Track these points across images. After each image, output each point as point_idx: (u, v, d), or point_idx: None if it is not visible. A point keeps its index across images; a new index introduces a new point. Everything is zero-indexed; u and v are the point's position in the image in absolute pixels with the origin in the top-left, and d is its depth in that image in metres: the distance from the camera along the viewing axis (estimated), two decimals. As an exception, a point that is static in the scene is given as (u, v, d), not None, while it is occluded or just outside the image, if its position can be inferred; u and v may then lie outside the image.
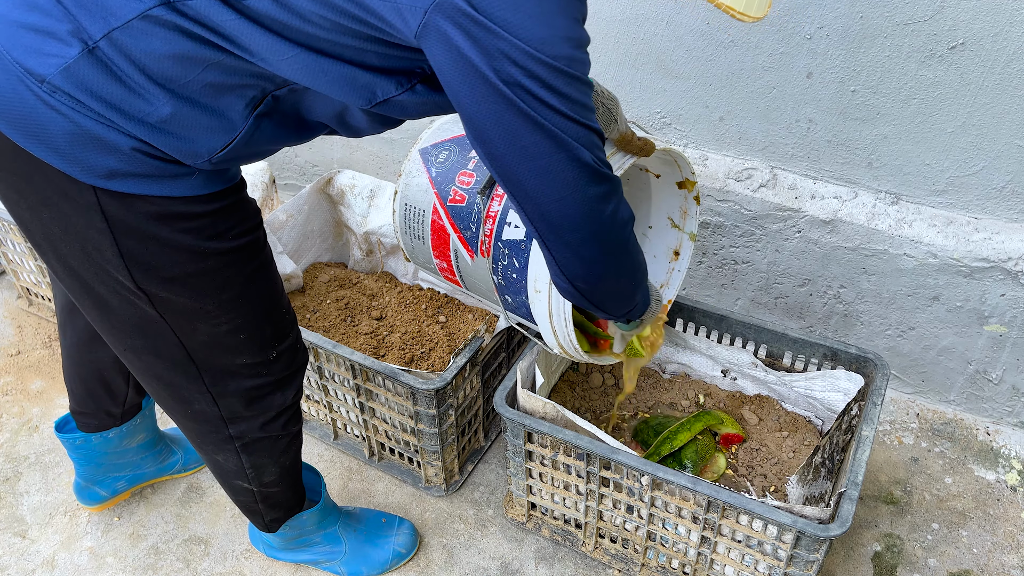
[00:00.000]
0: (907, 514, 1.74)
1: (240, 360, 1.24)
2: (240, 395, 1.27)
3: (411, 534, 1.69)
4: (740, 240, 1.96)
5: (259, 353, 1.25)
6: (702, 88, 1.84)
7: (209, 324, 1.17)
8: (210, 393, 1.25)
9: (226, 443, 1.33)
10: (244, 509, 1.52)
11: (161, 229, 1.04)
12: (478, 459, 1.87)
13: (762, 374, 1.70)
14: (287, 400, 1.34)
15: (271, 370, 1.28)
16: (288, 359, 1.31)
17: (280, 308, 1.27)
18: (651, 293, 1.33)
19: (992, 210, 1.70)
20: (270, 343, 1.26)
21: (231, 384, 1.25)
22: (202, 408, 1.27)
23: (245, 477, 1.40)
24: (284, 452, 1.41)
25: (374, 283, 2.14)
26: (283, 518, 1.53)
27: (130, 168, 0.99)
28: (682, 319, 1.76)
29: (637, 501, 1.49)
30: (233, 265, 1.14)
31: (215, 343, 1.19)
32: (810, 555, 1.33)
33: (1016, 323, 1.74)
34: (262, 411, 1.32)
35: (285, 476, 1.45)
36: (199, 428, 1.32)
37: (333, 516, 1.63)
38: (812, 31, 1.64)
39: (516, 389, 1.54)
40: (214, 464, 1.41)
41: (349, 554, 1.64)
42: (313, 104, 1.05)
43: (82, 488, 1.74)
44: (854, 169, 1.78)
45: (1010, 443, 1.87)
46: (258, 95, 1.00)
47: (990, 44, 1.50)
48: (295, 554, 1.64)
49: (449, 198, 1.46)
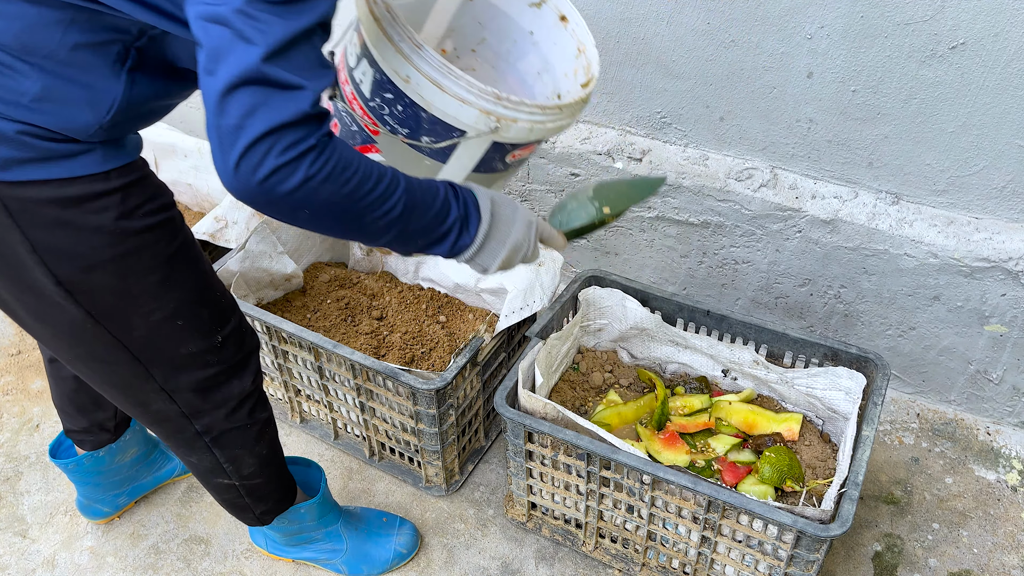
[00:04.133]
0: (907, 514, 1.74)
1: (185, 350, 1.21)
2: (195, 388, 1.25)
3: (412, 534, 1.69)
4: (740, 240, 1.96)
5: (203, 340, 1.23)
6: (702, 88, 1.84)
7: (141, 315, 1.14)
8: (164, 391, 1.23)
9: (195, 440, 1.32)
10: (232, 508, 1.49)
11: (68, 214, 1.02)
12: (478, 459, 1.87)
13: (763, 372, 1.70)
14: (246, 387, 1.31)
15: (221, 357, 1.26)
16: (236, 344, 1.28)
17: (214, 290, 1.24)
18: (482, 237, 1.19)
19: (993, 210, 1.70)
20: (212, 328, 1.24)
21: (183, 377, 1.23)
22: (160, 408, 1.25)
23: (224, 473, 1.38)
24: (257, 441, 1.38)
25: (374, 283, 2.14)
26: (274, 510, 1.51)
27: (22, 154, 0.97)
28: (682, 319, 1.76)
29: (637, 501, 1.49)
30: (152, 246, 1.12)
31: (154, 335, 1.17)
32: (810, 555, 1.33)
33: (1017, 323, 1.74)
34: (223, 401, 1.29)
35: (265, 466, 1.43)
36: (165, 430, 1.30)
37: (334, 514, 1.63)
38: (812, 31, 1.64)
39: (516, 389, 1.54)
40: (191, 466, 1.39)
41: (350, 552, 1.64)
42: (177, 50, 1.03)
43: (85, 506, 1.75)
44: (854, 169, 1.78)
45: (1010, 443, 1.87)
46: (122, 50, 0.98)
47: (990, 44, 1.50)
48: (297, 551, 1.64)
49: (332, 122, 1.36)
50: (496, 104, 1.24)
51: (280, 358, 1.83)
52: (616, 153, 2.01)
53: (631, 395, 1.83)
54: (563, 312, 1.75)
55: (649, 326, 1.78)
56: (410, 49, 1.21)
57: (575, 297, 1.78)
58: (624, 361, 1.89)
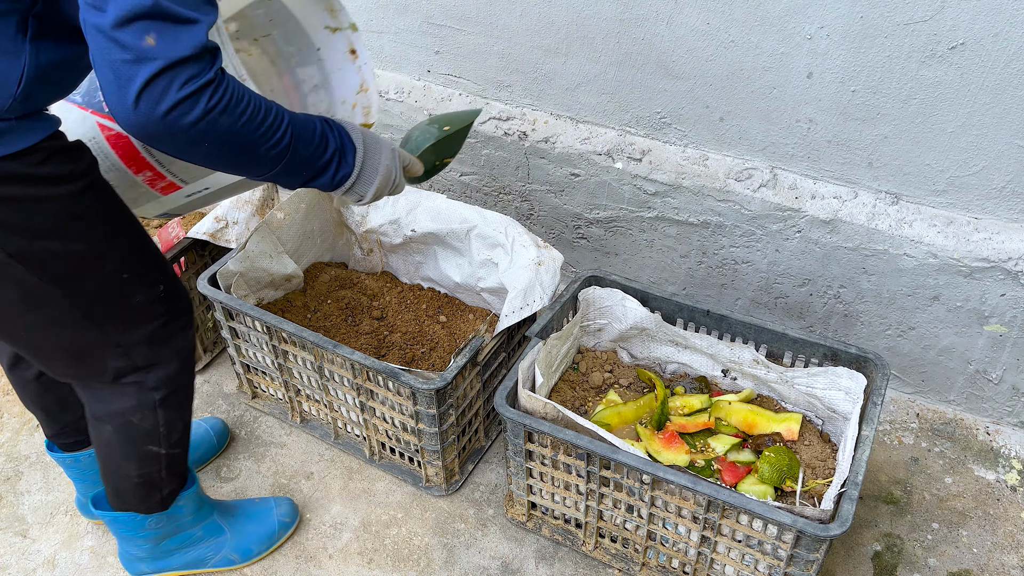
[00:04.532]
0: (907, 514, 1.74)
1: (135, 299, 1.25)
2: (147, 340, 1.29)
3: (290, 503, 1.73)
4: (740, 240, 1.96)
5: (148, 289, 1.27)
6: (702, 88, 1.84)
7: (91, 272, 1.18)
8: (120, 346, 1.26)
9: (146, 397, 1.35)
10: (142, 490, 1.48)
11: (4, 190, 1.05)
12: (479, 459, 1.87)
13: (763, 372, 1.70)
14: (190, 340, 1.37)
15: (167, 307, 1.30)
16: (175, 294, 1.33)
17: (149, 241, 1.29)
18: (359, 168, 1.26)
19: (992, 210, 1.70)
20: (154, 277, 1.28)
21: (138, 330, 1.27)
22: (117, 364, 1.29)
23: (157, 439, 1.41)
24: (186, 406, 1.43)
25: (374, 283, 2.14)
26: (176, 490, 1.52)
27: None
28: (682, 319, 1.76)
29: (637, 501, 1.49)
30: (95, 203, 1.16)
31: (104, 290, 1.21)
32: (810, 555, 1.34)
33: (1016, 323, 1.74)
34: (173, 354, 1.34)
35: (185, 434, 1.47)
36: (120, 391, 1.33)
37: (208, 506, 1.64)
38: (812, 31, 1.64)
39: (517, 389, 1.54)
40: (125, 430, 1.39)
41: (234, 537, 1.65)
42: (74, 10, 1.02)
43: (84, 504, 1.75)
44: (854, 169, 1.78)
45: (1010, 443, 1.88)
46: (19, 20, 0.99)
47: (990, 44, 1.50)
48: (181, 555, 1.62)
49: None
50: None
51: (280, 358, 1.83)
52: (616, 153, 2.01)
53: (631, 395, 1.83)
54: (563, 312, 1.76)
55: (649, 326, 1.78)
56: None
57: (575, 297, 1.79)
58: (624, 361, 1.89)
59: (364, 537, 1.73)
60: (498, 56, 2.07)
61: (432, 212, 1.95)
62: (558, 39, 1.95)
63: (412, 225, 1.98)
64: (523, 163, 2.17)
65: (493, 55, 2.08)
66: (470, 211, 1.91)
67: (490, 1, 1.99)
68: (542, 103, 2.10)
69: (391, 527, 1.75)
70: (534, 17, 1.95)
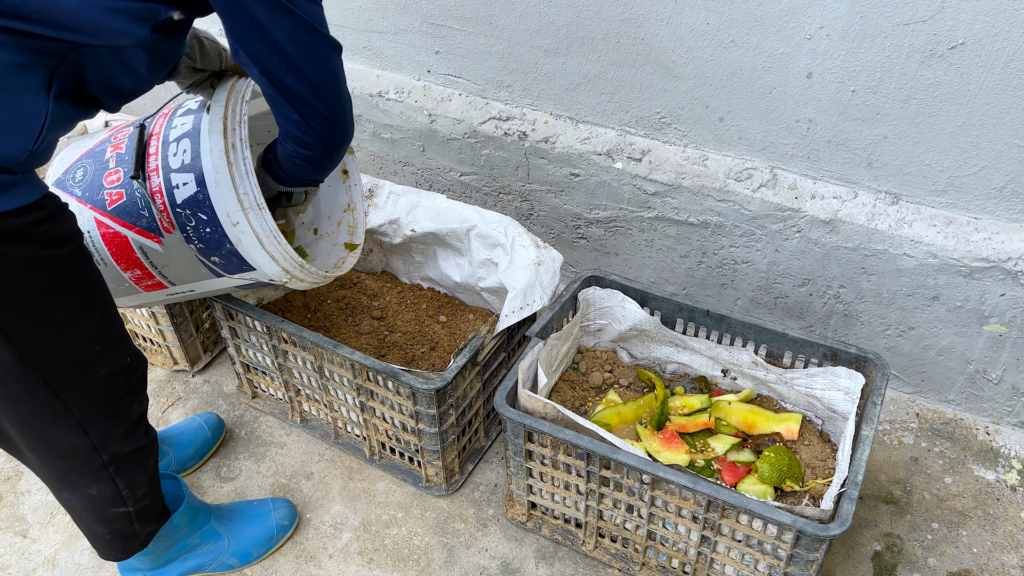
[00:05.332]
0: (907, 514, 1.74)
1: (100, 372, 1.23)
2: (107, 415, 1.27)
3: (289, 506, 1.72)
4: (740, 240, 1.96)
5: (115, 360, 1.25)
6: (702, 88, 1.84)
7: (65, 344, 1.16)
8: (80, 424, 1.24)
9: (100, 472, 1.32)
10: (117, 540, 1.47)
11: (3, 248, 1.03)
12: (479, 459, 1.87)
13: (762, 373, 1.70)
14: (143, 406, 1.36)
15: (127, 379, 1.29)
16: (135, 362, 1.31)
17: (116, 310, 1.27)
18: None
19: (992, 210, 1.70)
20: (120, 348, 1.27)
21: (98, 407, 1.25)
22: (72, 443, 1.26)
23: (121, 501, 1.39)
24: (147, 457, 1.40)
25: (374, 283, 2.14)
26: (156, 527, 1.51)
27: None
28: (682, 319, 1.76)
29: (637, 500, 1.49)
30: (79, 269, 1.15)
31: (74, 364, 1.18)
32: (810, 554, 1.34)
33: (1016, 323, 1.74)
34: (127, 425, 1.32)
35: (152, 483, 1.44)
36: (71, 464, 1.30)
37: (204, 514, 1.63)
38: (812, 31, 1.65)
39: (517, 389, 1.54)
40: (86, 501, 1.37)
41: (233, 542, 1.64)
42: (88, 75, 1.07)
43: None
44: (854, 169, 1.78)
45: (1010, 443, 1.88)
46: (47, 75, 1.01)
47: (990, 44, 1.50)
48: (179, 564, 1.61)
49: (107, 203, 1.46)
50: (298, 270, 1.47)
51: (280, 358, 1.83)
52: (616, 153, 2.01)
53: (631, 395, 1.83)
54: (563, 312, 1.76)
55: (648, 327, 1.78)
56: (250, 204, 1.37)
57: (575, 297, 1.79)
58: (624, 361, 1.90)
59: (364, 537, 1.73)
60: (498, 56, 2.08)
61: (432, 212, 1.96)
62: (558, 39, 1.95)
63: (412, 225, 1.98)
64: (523, 163, 2.17)
65: (493, 55, 2.08)
66: (470, 211, 1.91)
67: (490, 1, 1.99)
68: (542, 103, 2.10)
69: (391, 527, 1.75)
70: (534, 17, 1.95)
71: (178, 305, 1.99)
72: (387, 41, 2.24)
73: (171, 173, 1.39)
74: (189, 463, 1.85)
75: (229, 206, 1.36)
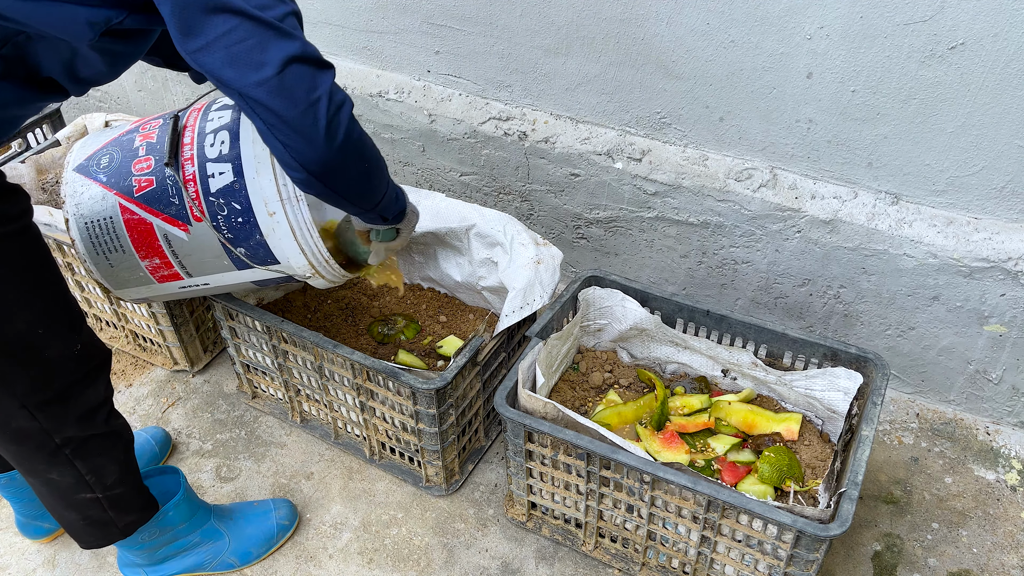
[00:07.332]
0: (907, 514, 1.74)
1: (45, 355, 1.21)
2: (55, 399, 1.25)
3: (289, 506, 1.72)
4: (740, 240, 1.96)
5: (62, 345, 1.24)
6: (702, 88, 1.84)
7: (8, 325, 1.14)
8: (26, 407, 1.22)
9: (56, 455, 1.31)
10: (94, 527, 1.45)
11: None
12: (479, 458, 1.87)
13: (762, 374, 1.70)
14: (100, 396, 1.33)
15: (79, 365, 1.27)
16: (91, 351, 1.30)
17: (69, 295, 1.26)
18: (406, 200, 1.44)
19: (992, 210, 1.70)
20: (71, 334, 1.25)
21: (44, 389, 1.23)
22: (21, 425, 1.24)
23: (87, 486, 1.37)
24: (114, 446, 1.39)
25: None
26: (139, 520, 1.49)
27: None
28: (682, 319, 1.76)
29: (637, 501, 1.49)
30: (26, 249, 1.14)
31: (18, 344, 1.17)
32: (810, 555, 1.34)
33: (1016, 323, 1.74)
34: (80, 412, 1.30)
35: (126, 472, 1.43)
36: (26, 448, 1.29)
37: (203, 511, 1.62)
38: (812, 31, 1.65)
39: (517, 389, 1.54)
40: (49, 486, 1.36)
41: (233, 541, 1.64)
42: (41, 57, 1.05)
43: (24, 524, 1.71)
44: (854, 169, 1.78)
45: (1010, 443, 1.88)
46: None
47: (990, 44, 1.50)
48: (180, 561, 1.61)
49: (135, 189, 1.45)
50: (323, 265, 1.46)
51: (280, 358, 1.83)
52: (616, 153, 2.01)
53: (631, 395, 1.83)
54: (563, 312, 1.76)
55: (649, 327, 1.78)
56: (288, 196, 1.38)
57: (575, 297, 1.79)
58: (624, 361, 1.90)
59: (364, 537, 1.73)
60: (498, 56, 2.08)
61: (431, 211, 1.95)
62: (558, 39, 1.95)
63: (412, 225, 1.98)
64: (523, 163, 2.17)
65: (493, 55, 2.08)
66: (469, 209, 1.91)
67: (490, 1, 1.99)
68: (542, 103, 2.10)
69: (391, 527, 1.75)
70: (534, 17, 1.95)
71: (178, 305, 1.99)
72: (387, 41, 2.24)
73: (207, 163, 1.39)
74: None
75: (268, 196, 1.36)
